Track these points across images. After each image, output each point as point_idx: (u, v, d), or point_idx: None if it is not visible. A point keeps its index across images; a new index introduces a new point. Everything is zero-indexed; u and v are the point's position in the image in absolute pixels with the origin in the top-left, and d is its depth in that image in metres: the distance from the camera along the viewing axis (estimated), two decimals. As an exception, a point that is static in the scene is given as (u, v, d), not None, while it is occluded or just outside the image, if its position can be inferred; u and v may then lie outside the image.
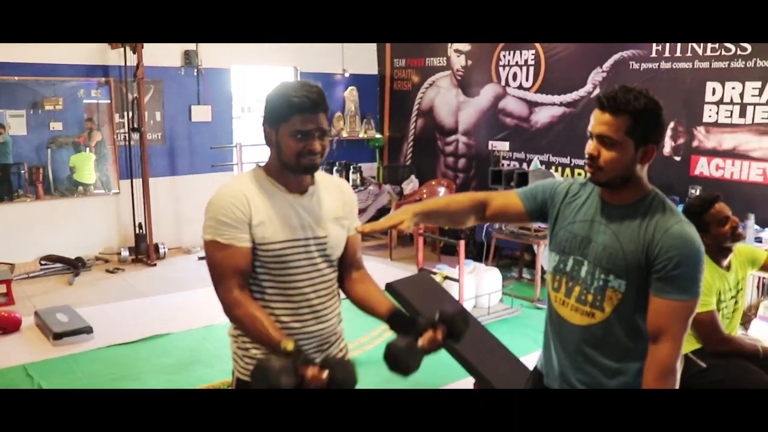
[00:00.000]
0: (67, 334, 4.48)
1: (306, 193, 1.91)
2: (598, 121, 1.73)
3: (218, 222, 1.81)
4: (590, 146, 1.74)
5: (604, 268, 1.76)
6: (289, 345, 1.70)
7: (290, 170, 1.86)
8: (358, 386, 1.77)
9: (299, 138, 1.81)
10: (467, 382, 3.14)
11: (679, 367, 1.73)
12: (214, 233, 1.82)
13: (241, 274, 1.83)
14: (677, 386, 1.73)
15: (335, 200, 1.98)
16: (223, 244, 1.80)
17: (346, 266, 2.05)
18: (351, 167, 7.42)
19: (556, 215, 1.91)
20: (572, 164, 6.44)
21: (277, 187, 1.88)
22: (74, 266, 6.25)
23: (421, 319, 1.84)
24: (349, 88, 7.92)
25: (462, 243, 4.94)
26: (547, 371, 1.98)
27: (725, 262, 2.92)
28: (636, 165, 1.74)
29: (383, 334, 4.54)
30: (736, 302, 2.96)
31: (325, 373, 1.67)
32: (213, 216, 1.82)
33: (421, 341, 1.78)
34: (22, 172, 6.25)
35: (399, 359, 1.76)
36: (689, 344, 2.89)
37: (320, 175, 1.99)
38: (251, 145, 7.08)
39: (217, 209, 1.82)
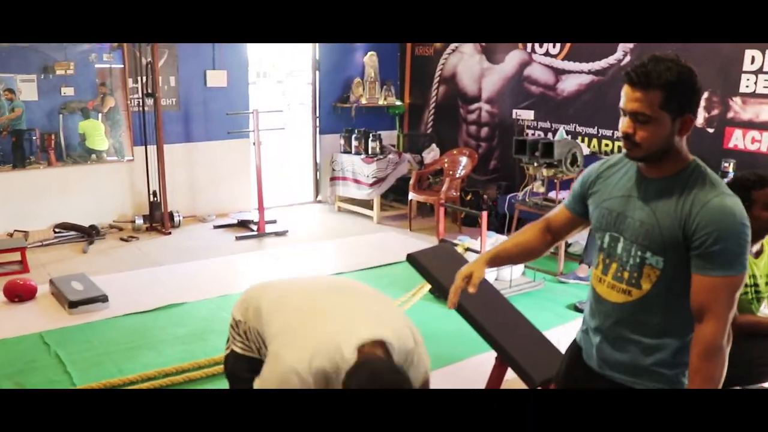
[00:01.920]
0: (83, 303, 4.42)
1: None
2: (629, 97, 1.67)
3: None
4: (624, 124, 1.69)
5: (641, 244, 1.72)
6: None
7: None
8: None
9: None
10: (489, 356, 3.04)
11: (728, 345, 1.67)
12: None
13: None
14: (725, 364, 1.67)
15: None
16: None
17: None
18: (370, 135, 7.25)
19: (592, 196, 1.89)
20: (599, 134, 6.23)
21: None
22: (88, 234, 6.17)
23: None
24: (369, 53, 7.69)
25: (485, 214, 4.80)
26: (585, 347, 1.97)
27: (755, 248, 2.79)
28: (674, 137, 1.68)
29: (403, 306, 4.43)
30: (758, 291, 2.84)
31: None
32: (279, 383, 1.78)
33: None
34: (34, 138, 6.13)
35: None
36: None
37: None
38: (267, 111, 6.92)
39: (292, 381, 1.74)
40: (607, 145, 6.20)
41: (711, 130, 5.46)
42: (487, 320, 2.82)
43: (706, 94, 5.45)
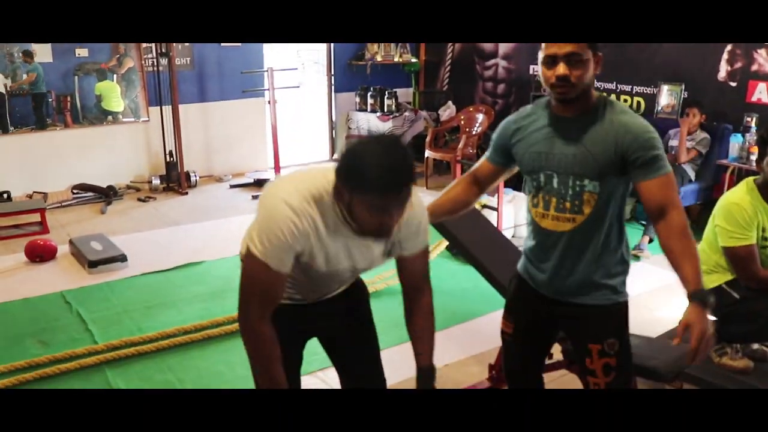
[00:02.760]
0: (102, 262, 4.48)
1: (377, 239, 1.73)
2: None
3: (272, 244, 1.61)
4: (560, 68, 1.82)
5: (577, 174, 1.89)
6: None
7: (361, 233, 1.68)
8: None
9: (375, 213, 1.58)
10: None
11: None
12: (264, 253, 1.62)
13: (273, 303, 1.71)
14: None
15: (395, 236, 1.76)
16: (270, 268, 1.63)
17: (407, 289, 1.94)
18: (386, 92, 7.18)
19: (516, 145, 2.03)
20: (618, 90, 6.12)
21: (344, 226, 1.68)
22: (106, 195, 6.21)
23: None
24: (383, 9, 7.57)
25: (502, 171, 4.74)
26: (535, 278, 2.10)
27: None
28: (593, 75, 1.89)
29: (430, 255, 4.43)
30: None
31: None
32: (269, 233, 1.61)
33: None
34: (50, 100, 6.14)
35: None
36: (722, 276, 2.85)
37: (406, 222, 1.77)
38: (282, 69, 6.86)
39: (275, 228, 1.61)
40: (626, 100, 6.09)
41: (734, 84, 5.34)
42: (504, 276, 2.82)
43: (729, 47, 5.31)
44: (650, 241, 4.93)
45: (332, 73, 7.70)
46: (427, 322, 1.93)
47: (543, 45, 1.87)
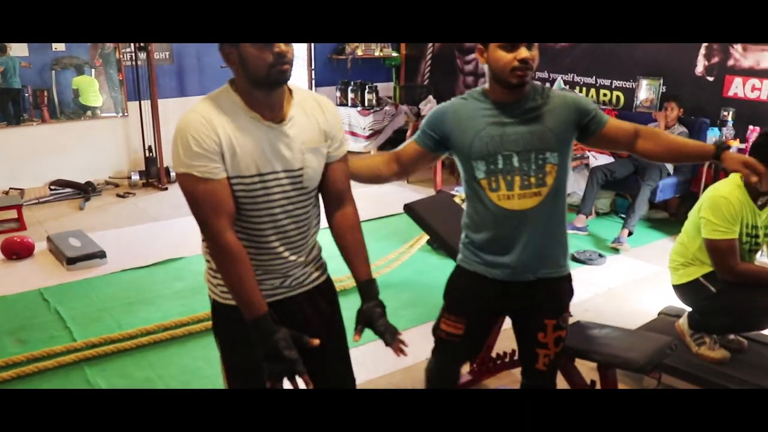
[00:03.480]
0: (81, 259, 4.43)
1: (283, 122, 1.72)
2: None
3: (189, 152, 1.63)
4: (523, 52, 1.90)
5: (537, 149, 1.99)
6: (275, 319, 1.66)
7: (261, 85, 1.67)
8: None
9: (264, 47, 1.61)
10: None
11: None
12: (187, 165, 1.64)
13: (227, 212, 1.67)
14: None
15: (314, 126, 1.78)
16: (198, 177, 1.63)
17: (330, 199, 1.89)
18: (366, 87, 7.16)
19: (458, 132, 2.06)
20: (598, 84, 6.16)
21: (249, 114, 1.69)
22: (84, 191, 6.14)
23: (372, 308, 1.85)
24: (364, 4, 7.55)
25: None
26: (491, 266, 2.11)
27: (761, 201, 2.78)
28: None
29: (400, 257, 4.45)
30: (758, 243, 2.84)
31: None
32: (183, 144, 1.63)
33: (358, 327, 1.86)
34: (26, 95, 6.05)
35: None
36: (699, 269, 2.88)
37: (299, 93, 1.79)
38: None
39: (185, 137, 1.63)
40: (605, 95, 6.13)
41: (711, 79, 5.40)
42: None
43: (706, 43, 5.37)
44: (629, 234, 4.98)
45: (313, 67, 7.67)
46: (358, 234, 1.90)
47: None
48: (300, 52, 8.08)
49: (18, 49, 5.89)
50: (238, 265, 1.67)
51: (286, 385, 1.72)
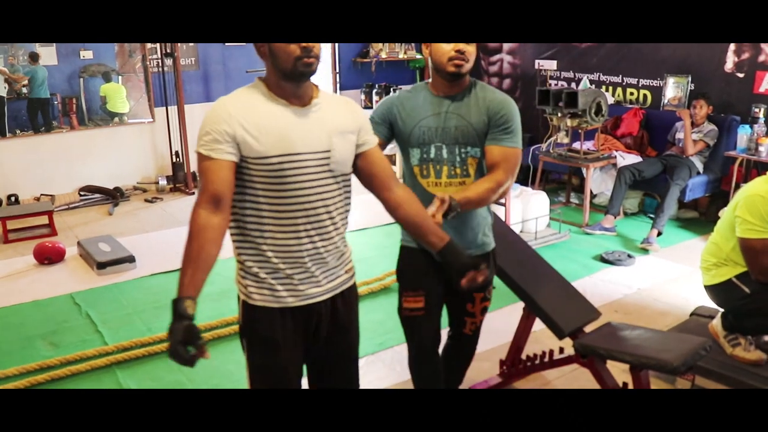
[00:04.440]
0: (111, 264, 4.48)
1: (308, 106, 1.80)
2: None
3: (204, 134, 1.75)
4: (460, 45, 2.10)
5: (461, 143, 2.21)
6: (191, 308, 1.66)
7: (288, 77, 1.76)
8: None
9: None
10: (516, 307, 3.03)
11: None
12: (198, 145, 1.77)
13: (213, 191, 1.74)
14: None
15: (341, 114, 1.86)
16: (203, 155, 1.75)
17: (379, 183, 1.96)
18: (391, 89, 7.17)
19: (401, 120, 2.26)
20: (624, 83, 6.09)
21: (276, 101, 1.78)
22: (113, 196, 6.23)
23: (465, 259, 1.95)
24: (387, 7, 7.56)
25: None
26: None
27: None
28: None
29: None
30: None
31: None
32: (201, 128, 1.77)
33: (464, 281, 1.95)
34: (56, 102, 6.15)
35: None
36: (732, 269, 2.83)
37: (325, 91, 1.88)
38: (287, 69, 6.85)
39: (204, 122, 1.77)
40: (632, 93, 6.06)
41: (741, 75, 5.31)
42: (516, 271, 2.80)
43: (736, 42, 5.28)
44: (659, 234, 4.91)
45: (337, 70, 7.69)
46: (416, 205, 1.97)
47: None
48: (324, 56, 8.11)
49: (47, 57, 5.99)
50: (193, 241, 1.74)
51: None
